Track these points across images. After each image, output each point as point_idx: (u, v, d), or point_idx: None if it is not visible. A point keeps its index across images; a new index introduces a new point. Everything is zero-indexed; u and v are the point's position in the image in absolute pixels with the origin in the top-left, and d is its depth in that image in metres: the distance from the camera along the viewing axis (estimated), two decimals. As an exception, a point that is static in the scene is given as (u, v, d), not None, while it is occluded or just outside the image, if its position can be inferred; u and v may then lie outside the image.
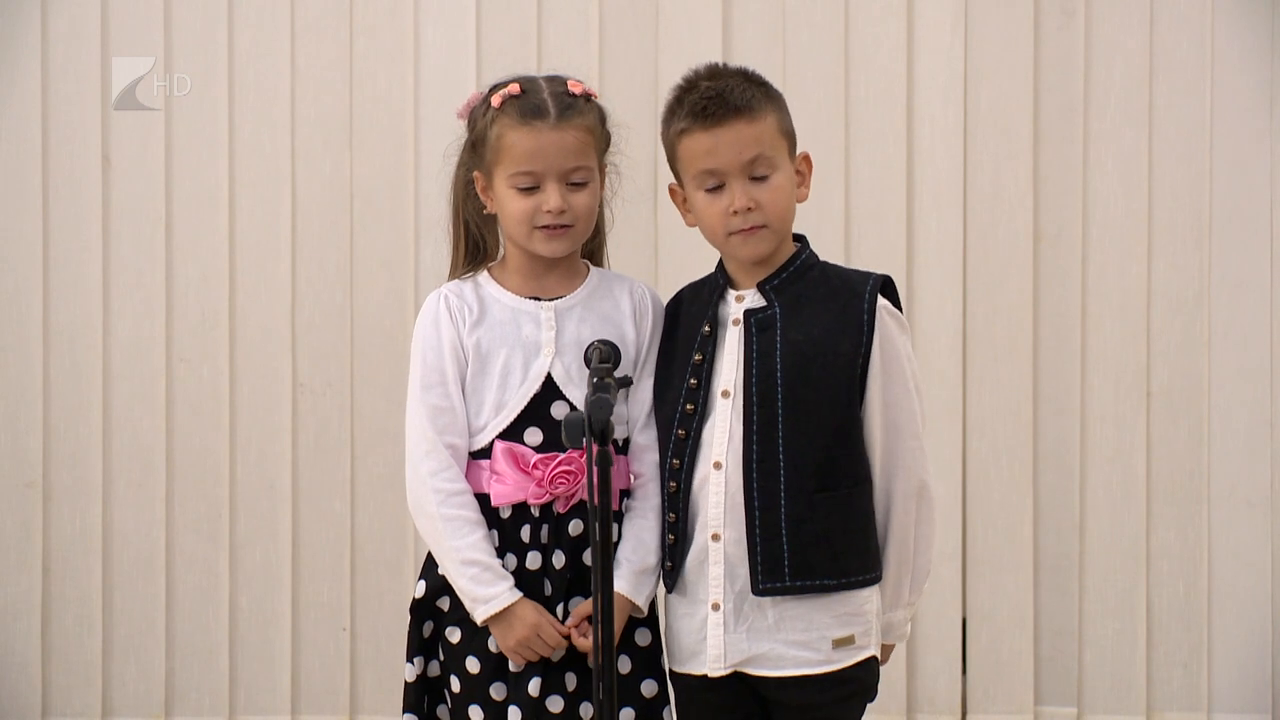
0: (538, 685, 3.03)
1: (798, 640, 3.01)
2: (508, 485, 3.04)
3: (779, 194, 3.01)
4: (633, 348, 3.12)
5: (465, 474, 3.06)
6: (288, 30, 4.60)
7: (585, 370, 3.04)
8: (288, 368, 4.62)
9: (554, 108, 3.05)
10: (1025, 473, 4.59)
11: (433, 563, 3.10)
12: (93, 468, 4.61)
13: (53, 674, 4.62)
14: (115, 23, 4.59)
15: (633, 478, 3.11)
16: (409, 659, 3.13)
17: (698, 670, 3.05)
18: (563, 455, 3.04)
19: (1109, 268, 4.60)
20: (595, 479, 2.75)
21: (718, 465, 3.02)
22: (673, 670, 3.11)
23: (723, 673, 3.03)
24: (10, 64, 4.59)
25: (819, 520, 2.98)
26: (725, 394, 3.03)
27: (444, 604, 3.10)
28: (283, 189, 4.61)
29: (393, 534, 4.59)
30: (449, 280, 3.18)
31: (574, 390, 3.06)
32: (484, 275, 3.15)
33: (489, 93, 3.11)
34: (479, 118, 3.10)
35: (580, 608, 3.05)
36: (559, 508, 3.05)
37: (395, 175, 4.60)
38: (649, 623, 3.12)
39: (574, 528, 3.05)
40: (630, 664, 3.10)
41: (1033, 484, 4.60)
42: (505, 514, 3.06)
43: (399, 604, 3.27)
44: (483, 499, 3.05)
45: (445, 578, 3.06)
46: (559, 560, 3.05)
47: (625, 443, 3.11)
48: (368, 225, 4.62)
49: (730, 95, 2.99)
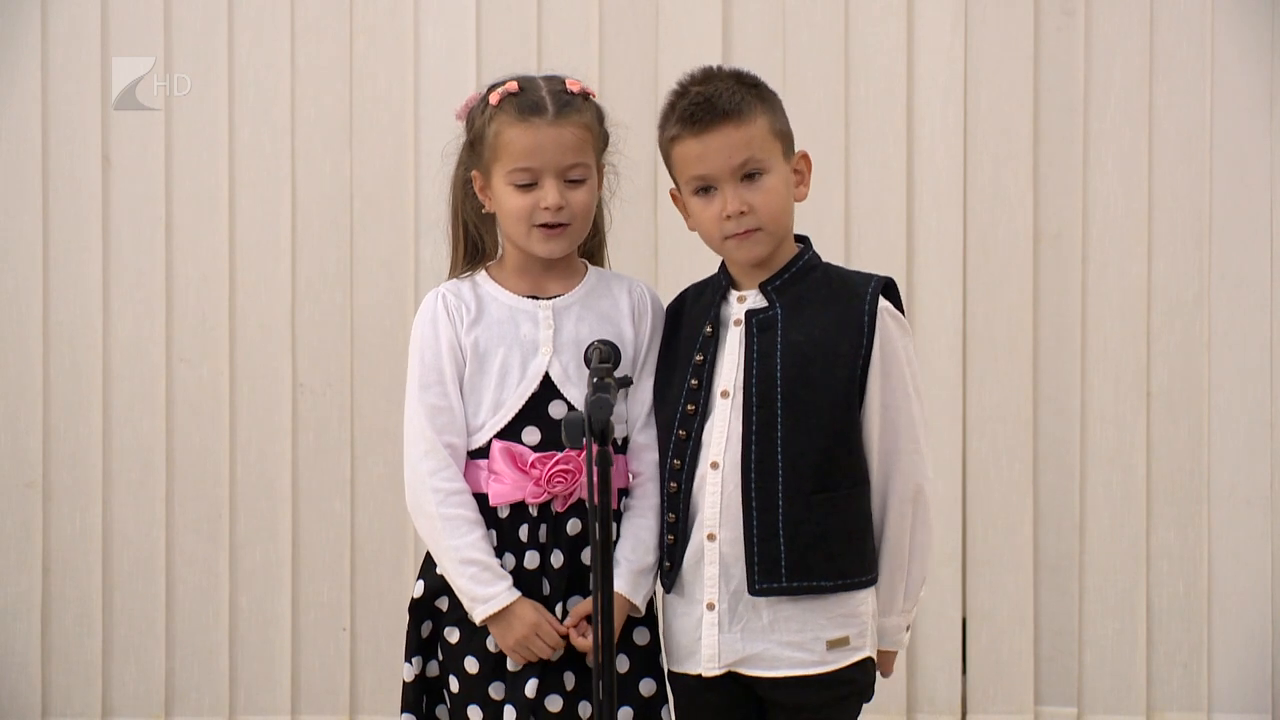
0: (534, 687, 3.02)
1: (792, 641, 3.00)
2: (506, 484, 3.04)
3: (772, 196, 3.01)
4: (631, 347, 3.12)
5: (463, 473, 3.06)
6: (288, 30, 4.60)
7: (583, 369, 3.04)
8: (288, 368, 4.62)
9: (552, 105, 3.05)
10: (1025, 473, 4.59)
11: (431, 563, 3.10)
12: (93, 468, 4.61)
13: (53, 674, 4.62)
14: (115, 23, 4.59)
15: (631, 477, 3.10)
16: (407, 659, 3.12)
17: (693, 670, 3.05)
18: (560, 454, 3.03)
19: (1109, 268, 4.60)
20: (595, 479, 2.75)
21: (715, 465, 3.01)
22: (670, 670, 3.11)
23: (716, 672, 3.03)
24: (10, 64, 4.59)
25: (816, 521, 2.98)
26: (725, 394, 3.03)
27: (443, 604, 3.09)
28: (283, 189, 4.61)
29: (393, 534, 4.59)
30: (448, 280, 3.18)
31: (572, 389, 3.06)
32: (482, 274, 3.15)
33: (487, 91, 3.11)
34: (477, 116, 3.11)
35: (579, 607, 3.05)
36: (557, 507, 3.05)
37: (395, 175, 4.60)
38: (647, 622, 3.12)
39: (572, 527, 3.05)
40: (629, 663, 3.09)
41: (1033, 484, 4.60)
42: (503, 513, 3.05)
43: (399, 604, 3.27)
44: (480, 498, 3.05)
45: (444, 577, 3.06)
46: (557, 559, 3.05)
47: (624, 442, 3.11)
48: (368, 225, 4.61)
49: (718, 100, 2.98)
